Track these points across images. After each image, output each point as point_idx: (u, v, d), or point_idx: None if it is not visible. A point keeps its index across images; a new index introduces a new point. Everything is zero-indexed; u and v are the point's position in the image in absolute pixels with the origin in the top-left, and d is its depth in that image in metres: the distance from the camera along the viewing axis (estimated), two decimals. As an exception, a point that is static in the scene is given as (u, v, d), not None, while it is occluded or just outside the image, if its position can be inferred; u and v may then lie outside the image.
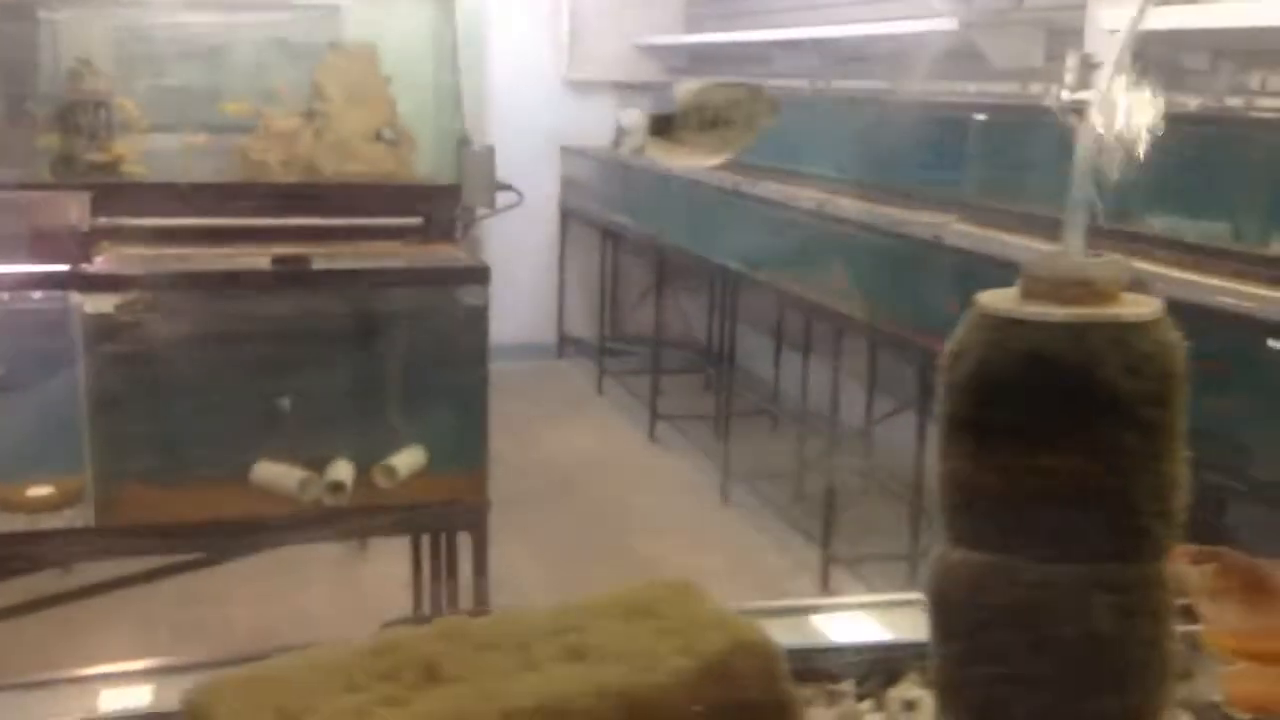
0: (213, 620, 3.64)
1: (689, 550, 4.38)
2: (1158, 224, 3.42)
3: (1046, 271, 0.77)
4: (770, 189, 4.81)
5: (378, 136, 3.51)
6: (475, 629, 0.78)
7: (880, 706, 0.95)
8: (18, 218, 3.06)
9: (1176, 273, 3.23)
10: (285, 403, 3.30)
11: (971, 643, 0.78)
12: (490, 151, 3.63)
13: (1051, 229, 3.68)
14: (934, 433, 0.80)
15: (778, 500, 4.69)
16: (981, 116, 4.17)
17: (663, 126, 0.89)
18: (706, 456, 5.01)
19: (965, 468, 0.78)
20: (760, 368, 5.39)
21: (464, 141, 3.59)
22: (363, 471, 3.22)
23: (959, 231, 3.91)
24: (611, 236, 5.88)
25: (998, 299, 0.79)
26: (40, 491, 3.15)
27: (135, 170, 3.39)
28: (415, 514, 3.36)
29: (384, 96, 3.49)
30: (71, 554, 3.18)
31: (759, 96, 0.94)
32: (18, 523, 3.11)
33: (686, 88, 0.90)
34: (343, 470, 3.23)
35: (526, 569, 3.91)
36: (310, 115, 3.43)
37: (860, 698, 0.97)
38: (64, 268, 3.02)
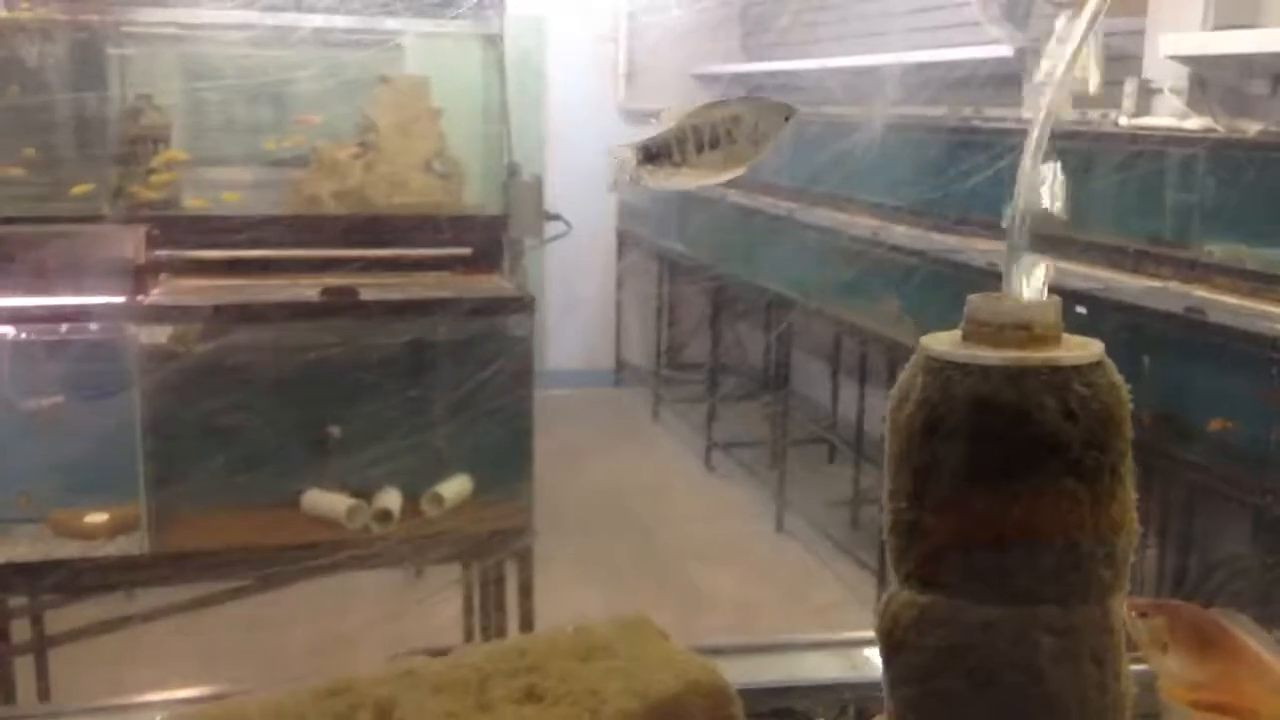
0: (271, 645, 3.70)
1: (742, 579, 4.37)
2: (1217, 250, 3.37)
3: (986, 314, 0.77)
4: (824, 215, 4.81)
5: (428, 168, 3.56)
6: (433, 670, 0.80)
7: (851, 746, 0.95)
8: (76, 251, 3.16)
9: (1233, 299, 3.19)
10: (335, 431, 3.36)
11: (918, 686, 0.78)
12: (538, 182, 3.68)
13: (1112, 256, 3.66)
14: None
15: (833, 529, 4.66)
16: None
17: (653, 154, 0.89)
18: (762, 484, 5.00)
19: (908, 509, 0.78)
20: (818, 395, 5.37)
21: (512, 172, 3.63)
22: (410, 500, 3.26)
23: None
24: (668, 264, 5.91)
25: (940, 341, 0.79)
26: (96, 519, 3.23)
27: (194, 204, 3.47)
28: (462, 542, 3.40)
29: (434, 128, 3.54)
30: (125, 580, 3.25)
31: (765, 109, 0.93)
32: (74, 549, 3.18)
33: (671, 111, 0.91)
34: (391, 498, 3.28)
35: (580, 595, 3.93)
36: (362, 147, 3.49)
37: (830, 733, 0.98)
38: (120, 299, 3.10)
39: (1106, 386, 0.76)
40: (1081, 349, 0.77)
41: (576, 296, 5.91)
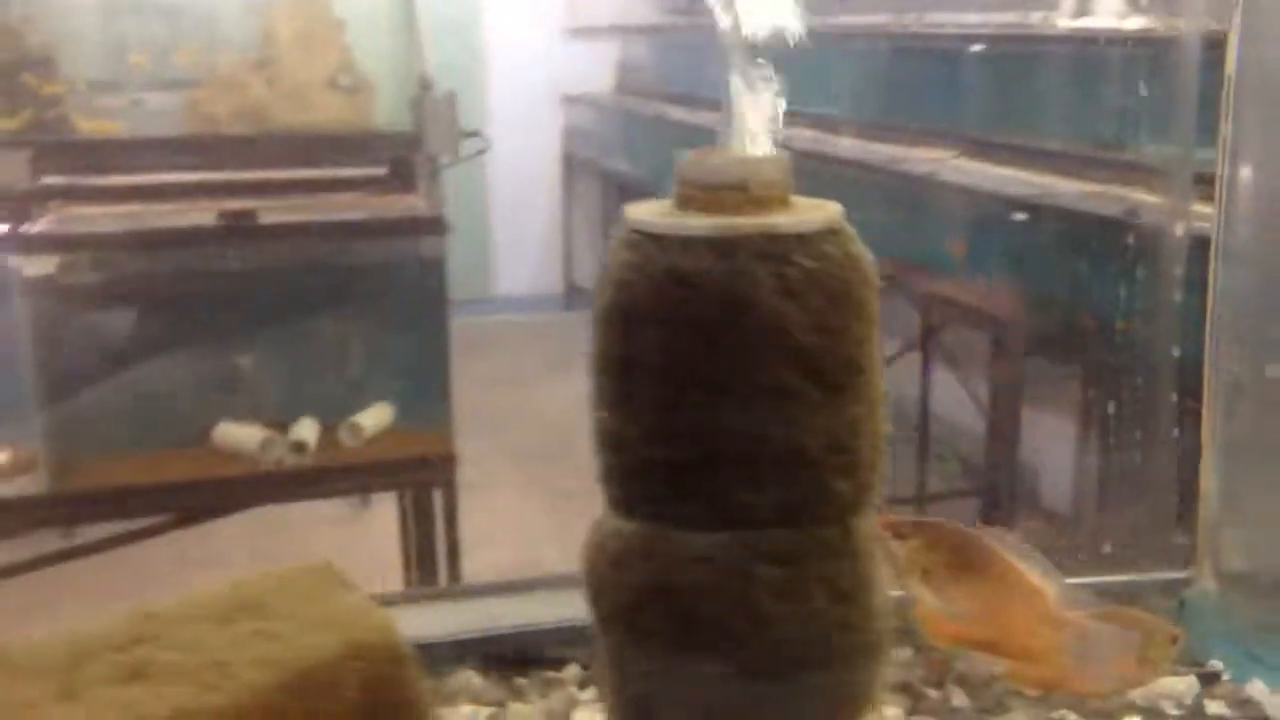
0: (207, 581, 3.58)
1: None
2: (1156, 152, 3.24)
3: (696, 173, 0.63)
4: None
5: (332, 83, 3.39)
6: (20, 651, 0.66)
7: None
8: (-46, 179, 2.99)
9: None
10: (245, 361, 3.22)
11: (621, 631, 0.65)
12: (452, 97, 3.50)
13: (1054, 162, 3.52)
14: (938, 374, 0.67)
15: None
16: (978, 48, 3.98)
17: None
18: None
19: (611, 418, 0.65)
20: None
21: (424, 86, 3.45)
22: (328, 430, 3.13)
23: (955, 167, 3.75)
24: (616, 185, 5.74)
25: (646, 210, 0.65)
26: (-7, 458, 3.09)
27: (85, 127, 3.29)
28: (382, 473, 3.28)
29: (338, 41, 3.36)
30: (28, 522, 3.12)
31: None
32: (-32, 490, 3.04)
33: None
34: (307, 429, 3.15)
35: (535, 521, 3.83)
36: (261, 63, 3.31)
37: (584, 684, 0.85)
38: (1, 229, 2.94)
39: (840, 259, 0.62)
40: (811, 212, 0.63)
41: (523, 221, 5.74)
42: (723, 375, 0.61)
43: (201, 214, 3.10)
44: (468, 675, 0.89)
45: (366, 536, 3.84)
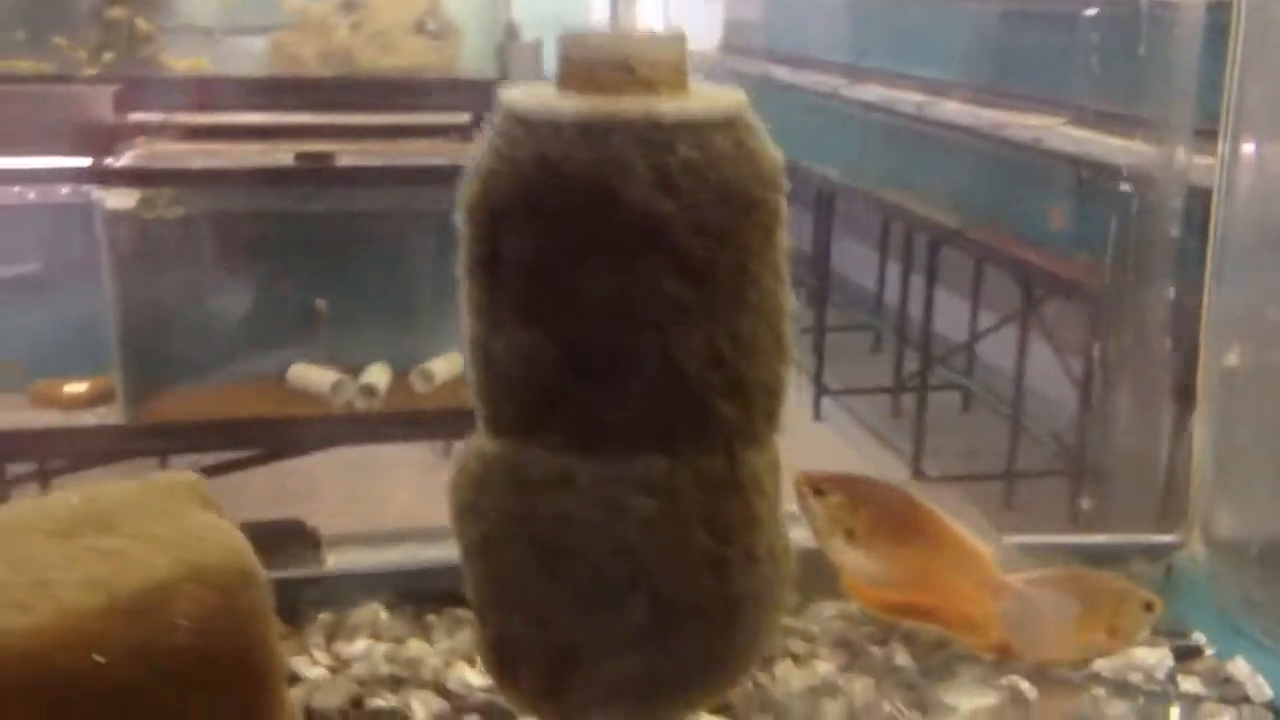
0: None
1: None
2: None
3: (578, 50, 0.57)
4: (871, 92, 4.53)
5: (419, 28, 3.36)
6: None
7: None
8: (42, 110, 3.03)
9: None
10: (322, 304, 3.23)
11: (481, 562, 0.60)
12: (539, 45, 3.45)
13: (1165, 132, 3.35)
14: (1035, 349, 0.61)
15: (872, 418, 4.45)
16: (1091, 12, 3.82)
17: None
18: (800, 371, 4.79)
19: (475, 326, 0.59)
20: (863, 281, 5.12)
21: (510, 34, 3.41)
22: (400, 375, 3.13)
23: (1062, 134, 3.60)
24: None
25: (523, 91, 0.58)
26: (75, 389, 3.15)
27: (176, 66, 3.33)
28: (452, 420, 3.27)
29: (426, -14, 3.34)
30: (105, 451, 3.17)
31: None
32: (53, 419, 3.11)
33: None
34: (377, 374, 3.15)
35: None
36: (348, 6, 3.30)
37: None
38: (85, 162, 2.98)
39: (732, 153, 0.55)
40: (706, 100, 0.56)
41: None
42: (591, 278, 0.55)
43: (282, 155, 3.11)
44: (374, 609, 0.85)
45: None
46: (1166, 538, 0.93)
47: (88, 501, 0.66)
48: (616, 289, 0.55)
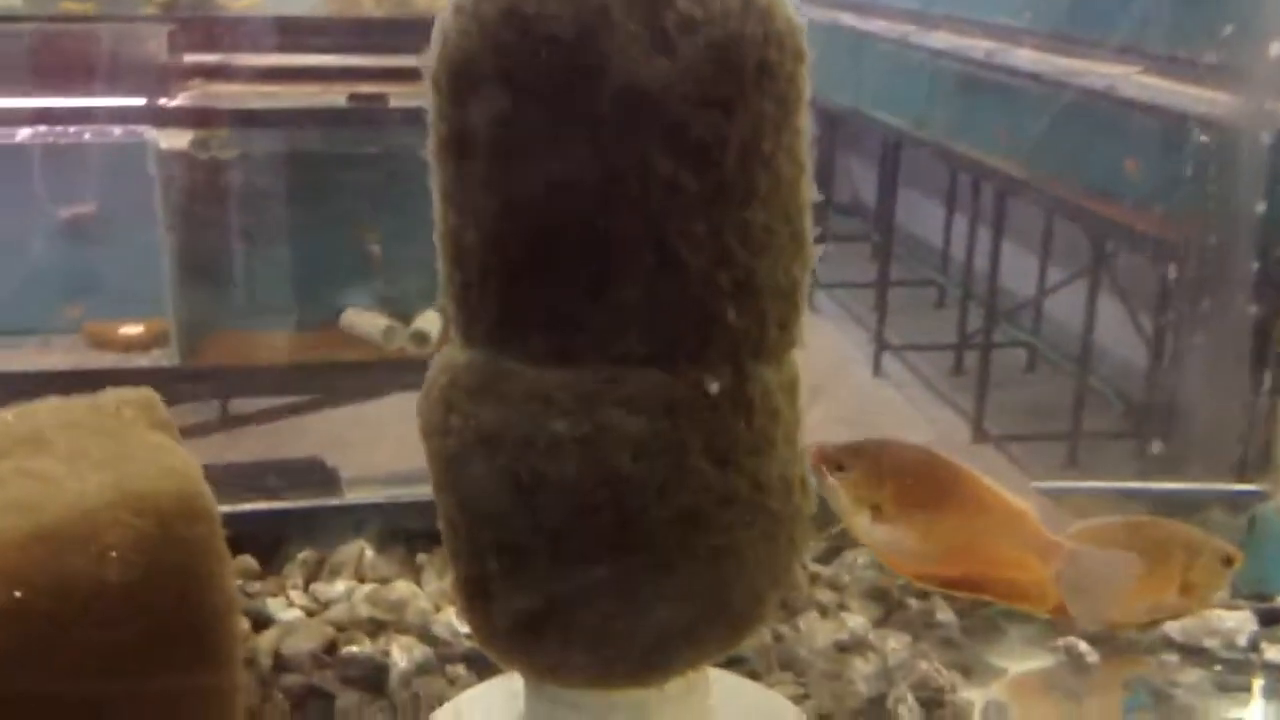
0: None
1: (830, 422, 4.12)
2: None
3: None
4: (940, 39, 4.40)
5: (477, -31, 3.30)
6: None
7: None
8: (96, 50, 3.02)
9: None
10: (375, 248, 3.20)
11: (454, 488, 0.54)
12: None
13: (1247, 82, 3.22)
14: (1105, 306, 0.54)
15: (933, 375, 4.36)
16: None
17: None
18: (863, 327, 4.71)
19: (446, 215, 0.53)
20: (929, 236, 5.01)
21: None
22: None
23: (1138, 83, 3.47)
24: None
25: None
26: (131, 331, 3.15)
27: (233, 7, 3.30)
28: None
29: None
30: (160, 395, 3.16)
31: None
32: (109, 360, 3.11)
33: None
34: (429, 321, 3.12)
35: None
36: (404, -53, 3.25)
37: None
38: (138, 102, 2.96)
39: (740, 9, 0.48)
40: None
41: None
42: (572, 158, 0.49)
43: (336, 97, 3.07)
44: (359, 547, 0.80)
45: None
46: (1250, 487, 0.85)
47: (23, 418, 0.62)
48: (602, 170, 0.49)
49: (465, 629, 0.67)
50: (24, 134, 2.95)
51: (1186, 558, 0.72)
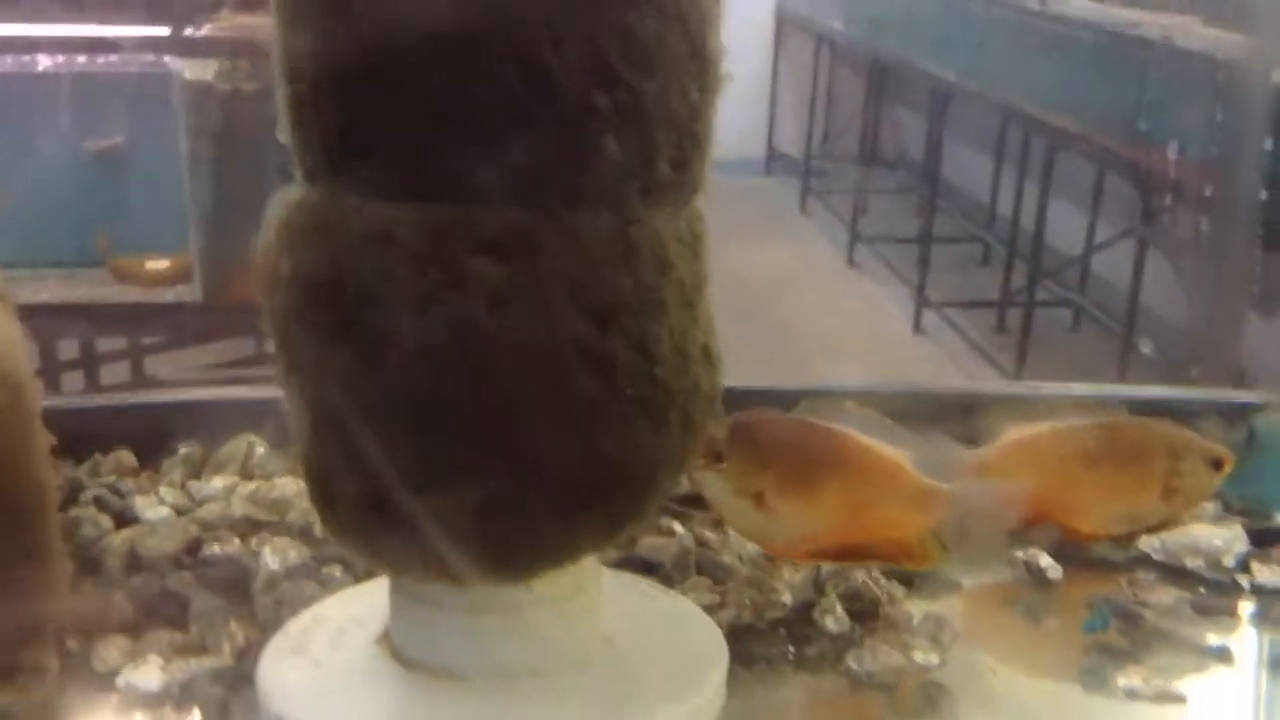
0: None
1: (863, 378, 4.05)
2: None
3: None
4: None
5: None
6: None
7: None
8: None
9: None
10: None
11: (289, 348, 0.48)
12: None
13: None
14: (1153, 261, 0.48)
15: (974, 332, 4.26)
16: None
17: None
18: (905, 283, 4.61)
19: (278, 26, 0.47)
20: (976, 191, 4.89)
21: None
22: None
23: (1197, 34, 3.36)
24: (829, 45, 5.41)
25: None
26: (157, 265, 3.13)
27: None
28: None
29: None
30: (184, 329, 3.16)
31: None
32: (134, 295, 3.10)
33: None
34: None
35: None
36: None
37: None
38: (162, 31, 2.93)
39: None
40: None
41: (730, 79, 5.50)
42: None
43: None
44: (247, 442, 0.74)
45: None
46: (1249, 396, 0.77)
47: None
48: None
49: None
50: (50, 63, 2.92)
51: (1169, 460, 0.65)
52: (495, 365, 0.45)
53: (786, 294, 4.72)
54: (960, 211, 4.89)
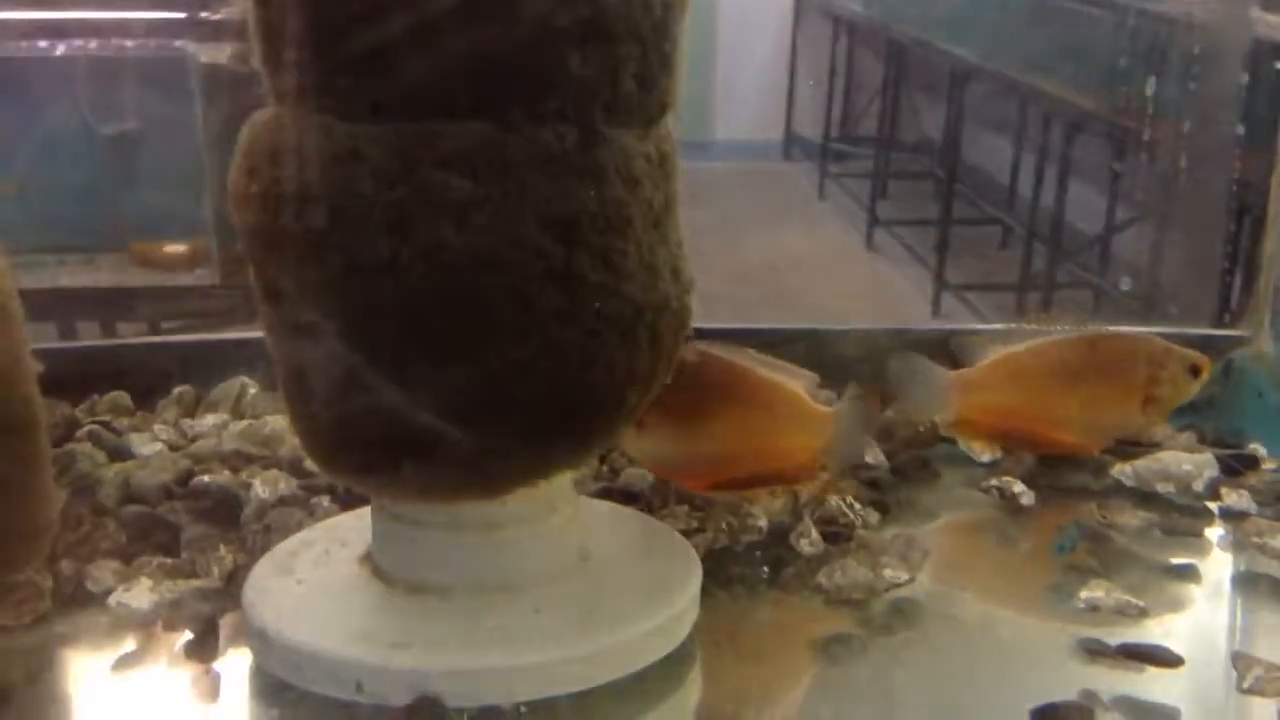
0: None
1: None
2: None
3: None
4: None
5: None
6: None
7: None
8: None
9: None
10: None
11: (262, 267, 0.50)
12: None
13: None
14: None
15: (993, 315, 4.24)
16: None
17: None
18: (924, 267, 4.59)
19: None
20: (996, 173, 4.87)
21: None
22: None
23: (1214, 10, 3.32)
24: (848, 28, 5.40)
25: None
26: (176, 249, 3.15)
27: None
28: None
29: None
30: (202, 312, 3.18)
31: None
32: (154, 278, 3.12)
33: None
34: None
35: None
36: None
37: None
38: (179, 15, 2.94)
39: None
40: None
41: (747, 63, 5.49)
42: None
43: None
44: (240, 384, 0.76)
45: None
46: (1227, 331, 0.77)
47: None
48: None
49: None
50: (67, 47, 2.94)
51: (1150, 369, 0.66)
52: (462, 280, 0.46)
53: (805, 278, 4.72)
54: (979, 194, 4.87)
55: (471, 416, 0.48)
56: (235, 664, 0.53)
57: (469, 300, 0.46)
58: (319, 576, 0.55)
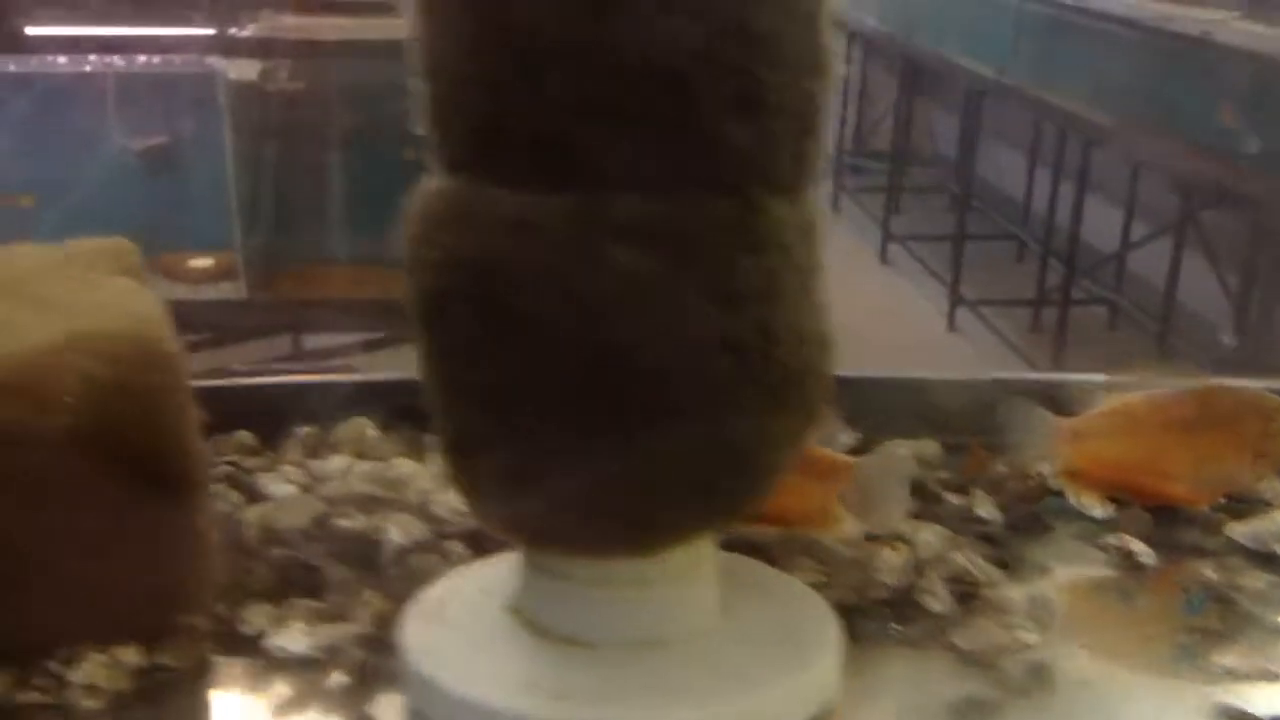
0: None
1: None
2: None
3: None
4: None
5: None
6: None
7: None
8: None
9: None
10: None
11: (434, 332, 0.51)
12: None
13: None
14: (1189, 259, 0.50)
15: (1009, 331, 4.26)
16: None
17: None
18: (939, 282, 4.61)
19: (423, 25, 0.49)
20: (1011, 188, 4.89)
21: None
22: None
23: (1236, 29, 3.34)
24: (859, 39, 5.43)
25: None
26: (201, 263, 3.17)
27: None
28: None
29: None
30: (228, 327, 3.19)
31: None
32: (179, 292, 3.13)
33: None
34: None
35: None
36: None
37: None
38: (208, 32, 2.97)
39: None
40: None
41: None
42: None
43: (405, 29, 3.03)
44: (361, 425, 0.77)
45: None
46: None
47: (24, 255, 0.59)
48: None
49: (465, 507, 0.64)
50: (97, 63, 2.96)
51: (1261, 423, 0.67)
52: (634, 348, 0.47)
53: (820, 292, 4.73)
54: (995, 209, 4.89)
55: (638, 478, 0.49)
56: (391, 710, 0.54)
57: (639, 367, 0.47)
58: (472, 625, 0.56)
